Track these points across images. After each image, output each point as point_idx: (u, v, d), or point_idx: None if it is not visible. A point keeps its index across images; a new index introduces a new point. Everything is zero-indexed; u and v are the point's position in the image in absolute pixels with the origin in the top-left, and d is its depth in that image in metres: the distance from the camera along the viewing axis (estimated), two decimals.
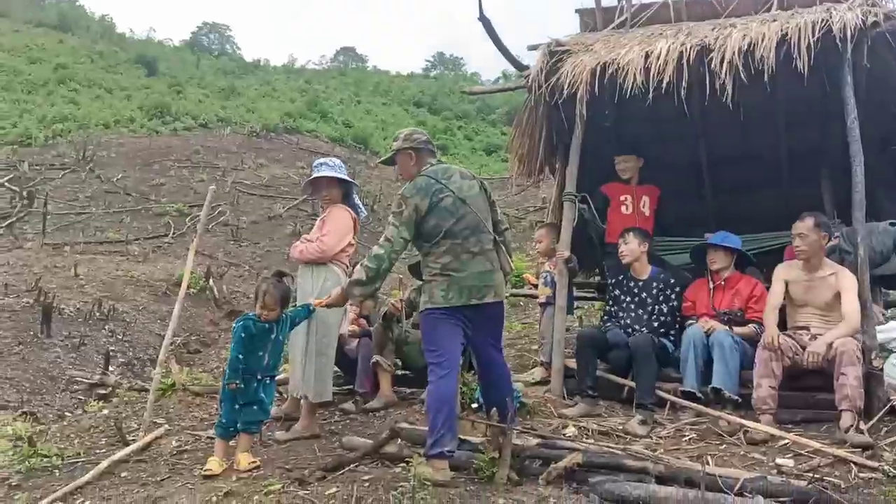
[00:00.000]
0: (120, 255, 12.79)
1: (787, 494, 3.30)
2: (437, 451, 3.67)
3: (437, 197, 3.90)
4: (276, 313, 4.22)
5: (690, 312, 5.32)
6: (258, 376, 4.17)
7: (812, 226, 4.74)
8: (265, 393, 4.21)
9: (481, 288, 3.90)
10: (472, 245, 3.92)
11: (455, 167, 4.16)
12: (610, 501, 3.39)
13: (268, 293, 4.20)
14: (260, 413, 4.19)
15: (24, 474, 4.13)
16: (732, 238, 5.39)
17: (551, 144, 6.33)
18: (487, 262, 3.95)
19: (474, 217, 3.95)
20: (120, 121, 22.70)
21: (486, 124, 36.29)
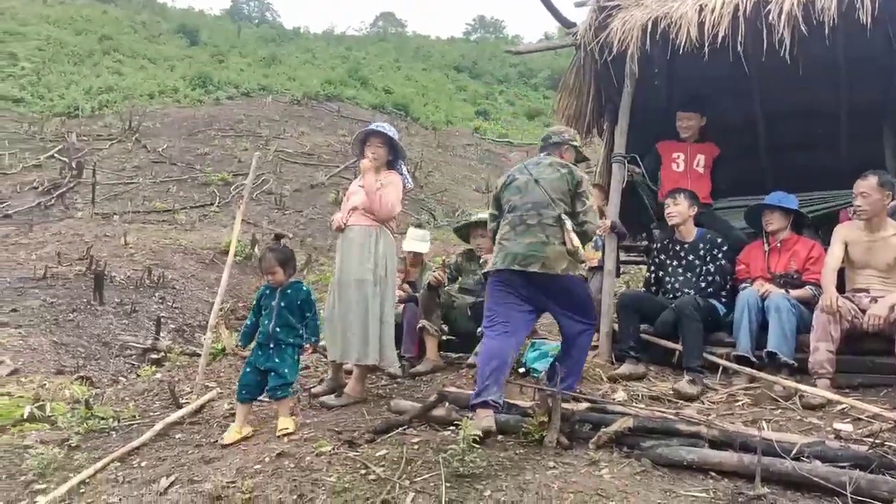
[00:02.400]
0: (167, 223, 13.04)
1: (847, 459, 3.20)
2: (480, 399, 3.80)
3: (513, 177, 4.41)
4: (280, 276, 4.26)
5: (744, 276, 5.15)
6: (268, 343, 4.21)
7: (875, 184, 4.52)
8: (279, 359, 4.19)
9: (527, 256, 4.07)
10: (531, 218, 4.17)
11: (550, 159, 4.45)
12: (662, 466, 3.35)
13: (264, 258, 4.30)
14: (276, 378, 4.15)
15: (82, 436, 4.25)
16: (789, 198, 5.20)
17: (600, 104, 6.17)
18: (543, 235, 4.11)
19: (542, 195, 4.19)
20: (164, 91, 23.00)
21: (528, 88, 35.79)
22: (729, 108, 6.29)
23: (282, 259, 4.27)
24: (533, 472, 3.31)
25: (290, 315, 4.26)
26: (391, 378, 5.30)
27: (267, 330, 4.23)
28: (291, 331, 4.26)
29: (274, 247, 4.33)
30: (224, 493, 3.22)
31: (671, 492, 3.09)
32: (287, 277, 4.29)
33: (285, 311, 4.25)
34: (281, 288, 4.28)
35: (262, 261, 4.29)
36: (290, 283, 4.30)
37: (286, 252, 4.37)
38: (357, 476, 3.31)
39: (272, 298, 4.27)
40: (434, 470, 3.30)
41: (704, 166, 5.92)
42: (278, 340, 4.21)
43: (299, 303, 4.29)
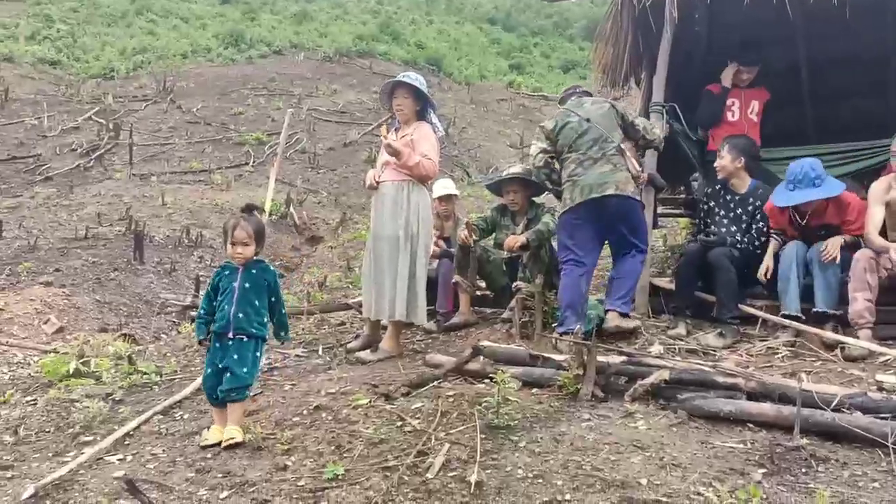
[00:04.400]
0: (204, 183, 13.18)
1: (889, 410, 3.15)
2: (560, 329, 4.47)
3: (564, 121, 4.91)
4: (251, 250, 3.54)
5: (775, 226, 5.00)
6: (226, 333, 3.46)
7: None
8: (238, 355, 3.45)
9: (601, 184, 4.66)
10: (595, 153, 4.74)
11: (590, 98, 5.11)
12: (698, 418, 3.33)
13: (238, 227, 3.52)
14: (232, 379, 3.41)
15: (126, 390, 4.37)
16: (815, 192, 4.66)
17: (637, 53, 6.00)
18: (610, 164, 4.71)
19: (598, 131, 4.78)
20: (197, 50, 23.04)
21: (564, 40, 34.99)
22: (771, 54, 6.07)
23: (257, 231, 3.57)
24: (568, 423, 3.32)
25: (256, 299, 3.53)
26: (426, 333, 5.34)
27: (226, 316, 3.46)
28: (255, 318, 3.51)
29: (247, 216, 3.58)
30: (264, 444, 3.29)
31: (707, 443, 3.07)
32: (255, 254, 3.59)
33: (250, 293, 3.52)
34: (244, 266, 3.55)
35: (230, 230, 3.53)
36: (254, 262, 3.59)
37: (261, 224, 3.68)
38: (393, 428, 3.35)
39: (232, 279, 3.52)
40: (469, 422, 3.32)
41: (758, 113, 5.77)
42: (239, 329, 3.47)
43: (266, 284, 3.58)
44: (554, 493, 2.70)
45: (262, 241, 3.63)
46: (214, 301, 3.57)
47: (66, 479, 3.17)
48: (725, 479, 2.73)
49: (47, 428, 3.91)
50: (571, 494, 2.68)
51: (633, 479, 2.74)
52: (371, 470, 2.96)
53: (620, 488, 2.69)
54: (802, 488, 2.69)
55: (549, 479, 2.80)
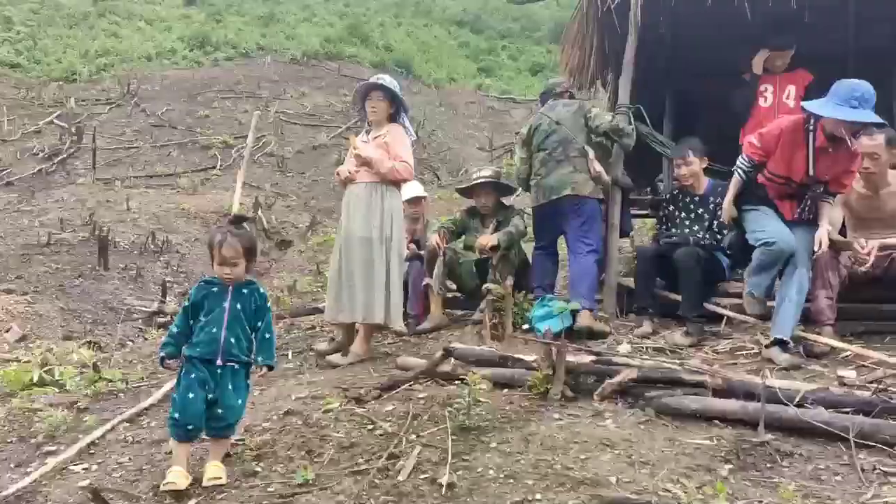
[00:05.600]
0: (170, 188, 13.00)
1: (850, 405, 3.22)
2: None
3: (536, 124, 5.39)
4: (241, 270, 3.15)
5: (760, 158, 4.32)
6: (215, 360, 3.09)
7: (884, 143, 4.31)
8: (233, 386, 3.13)
9: (558, 187, 5.13)
10: (559, 155, 5.18)
11: (560, 101, 5.45)
12: (666, 415, 3.37)
13: (225, 243, 3.10)
14: (227, 414, 3.10)
15: (91, 398, 4.30)
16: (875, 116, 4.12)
17: (603, 55, 6.06)
18: (570, 166, 5.13)
19: (564, 132, 5.20)
20: (161, 53, 22.67)
21: (531, 42, 35.13)
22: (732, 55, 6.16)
23: (249, 247, 3.17)
24: (538, 423, 3.34)
25: (247, 322, 3.19)
26: (397, 336, 5.32)
27: (216, 340, 3.08)
28: (245, 344, 3.18)
29: (235, 230, 3.17)
30: (233, 451, 3.25)
31: (675, 440, 3.11)
32: (247, 273, 3.22)
33: (241, 317, 3.16)
34: (235, 286, 3.17)
35: (217, 247, 3.12)
36: (247, 282, 3.23)
37: (253, 239, 3.30)
38: (364, 431, 3.34)
39: (221, 299, 3.14)
40: (440, 424, 3.33)
41: (796, 97, 5.46)
42: (231, 357, 3.12)
43: (255, 308, 3.22)
44: (525, 492, 2.72)
45: (253, 258, 3.22)
46: (192, 320, 3.15)
47: (29, 490, 3.11)
48: (693, 476, 2.77)
49: (9, 438, 3.83)
50: (542, 494, 2.70)
51: (603, 477, 2.77)
52: (342, 474, 2.96)
53: (590, 486, 2.71)
54: (768, 483, 2.74)
55: (520, 479, 2.82)
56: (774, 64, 5.56)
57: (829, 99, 4.05)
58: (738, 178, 4.42)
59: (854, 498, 2.62)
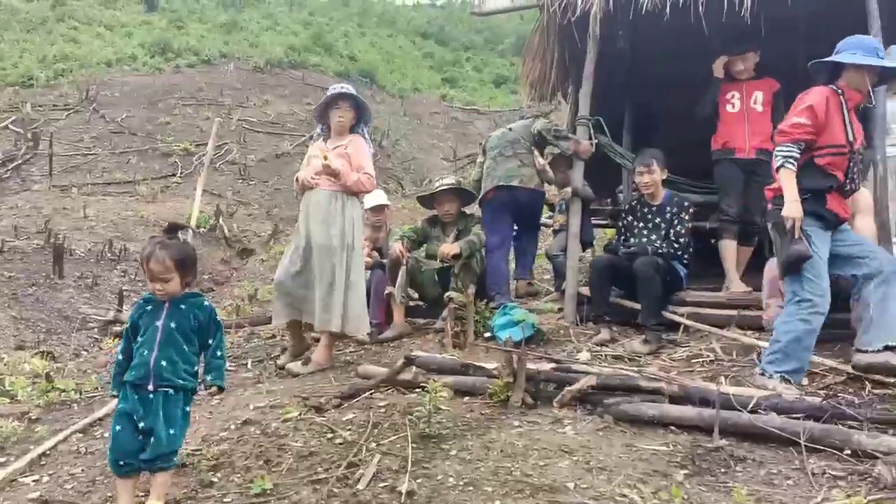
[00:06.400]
0: (128, 195, 12.80)
1: (802, 411, 3.29)
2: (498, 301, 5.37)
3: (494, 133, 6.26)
4: (175, 285, 2.84)
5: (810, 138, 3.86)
6: (146, 385, 2.78)
7: None
8: (165, 414, 2.78)
9: (508, 177, 5.77)
10: (507, 151, 5.88)
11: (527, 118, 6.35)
12: (624, 422, 3.42)
13: (152, 257, 2.80)
14: (160, 445, 2.75)
15: (43, 409, 4.20)
16: None
17: (564, 67, 6.15)
18: (517, 160, 5.82)
19: (515, 135, 5.96)
20: (122, 59, 22.34)
21: (495, 55, 35.49)
22: (691, 68, 6.30)
23: (180, 259, 2.84)
24: (498, 430, 3.35)
25: (185, 343, 2.86)
26: (359, 344, 5.30)
27: (146, 363, 2.78)
28: (183, 366, 2.85)
29: (167, 241, 2.88)
30: (189, 461, 3.20)
31: (632, 446, 3.15)
32: (184, 287, 2.89)
33: (177, 335, 2.84)
34: (172, 302, 2.87)
35: (145, 261, 2.84)
36: (185, 296, 2.91)
37: (186, 250, 2.94)
38: (323, 440, 3.31)
39: (155, 316, 2.84)
40: (401, 432, 3.32)
41: (763, 103, 5.51)
42: (163, 381, 2.79)
43: (197, 325, 2.89)
44: (484, 499, 2.72)
45: (190, 270, 2.90)
46: (134, 342, 2.87)
47: None
48: (649, 481, 2.81)
49: None
50: (501, 500, 2.71)
51: (561, 483, 2.79)
52: (300, 483, 2.92)
53: (549, 492, 2.73)
54: (722, 487, 2.79)
55: (480, 486, 2.82)
56: (738, 69, 5.61)
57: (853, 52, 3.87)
58: (790, 170, 3.83)
59: (804, 501, 2.67)
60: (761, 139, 5.39)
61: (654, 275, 4.90)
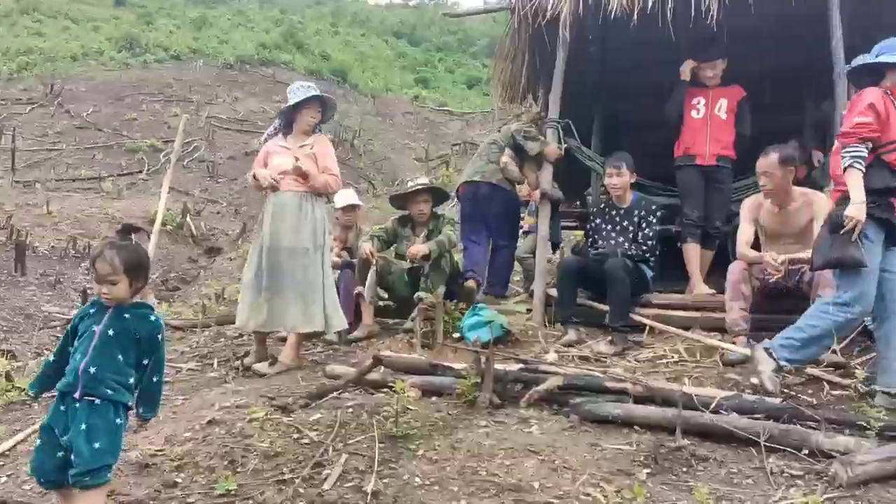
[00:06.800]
0: (93, 191, 12.60)
1: (762, 411, 3.37)
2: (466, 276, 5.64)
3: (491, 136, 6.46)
4: (122, 289, 2.56)
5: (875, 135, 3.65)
6: (72, 393, 2.49)
7: (777, 162, 4.50)
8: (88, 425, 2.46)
9: (474, 173, 5.97)
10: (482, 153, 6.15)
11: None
12: (589, 421, 3.46)
13: (100, 257, 2.58)
14: (81, 461, 2.42)
15: (2, 408, 4.11)
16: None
17: (535, 70, 6.19)
18: (485, 159, 6.00)
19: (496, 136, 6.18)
20: (88, 53, 21.99)
21: (468, 56, 35.61)
22: (659, 76, 6.39)
23: (130, 262, 2.58)
24: (465, 430, 3.37)
25: (121, 353, 2.57)
26: (327, 344, 5.28)
27: (75, 369, 2.51)
28: (113, 376, 2.54)
29: (119, 242, 2.70)
30: (152, 462, 3.16)
31: (597, 445, 3.19)
32: (132, 294, 2.63)
33: (114, 343, 2.56)
34: (116, 308, 2.60)
35: (94, 260, 2.62)
36: (132, 305, 2.64)
37: (138, 253, 2.69)
38: (290, 440, 3.30)
39: (95, 322, 2.59)
40: (368, 432, 3.32)
41: (727, 111, 5.58)
42: (89, 389, 2.49)
43: (138, 338, 2.60)
44: (450, 499, 2.74)
45: (140, 275, 2.63)
46: (71, 346, 2.63)
47: None
48: (613, 480, 2.85)
49: None
50: (467, 500, 2.73)
51: (527, 482, 2.82)
52: (265, 484, 2.91)
53: (514, 492, 2.75)
54: (683, 486, 2.84)
55: (446, 485, 2.84)
56: (706, 76, 5.67)
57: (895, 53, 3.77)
58: (859, 171, 3.61)
59: (763, 500, 2.73)
60: (721, 146, 5.51)
61: (623, 276, 4.96)
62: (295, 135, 4.88)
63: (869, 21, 5.37)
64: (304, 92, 4.82)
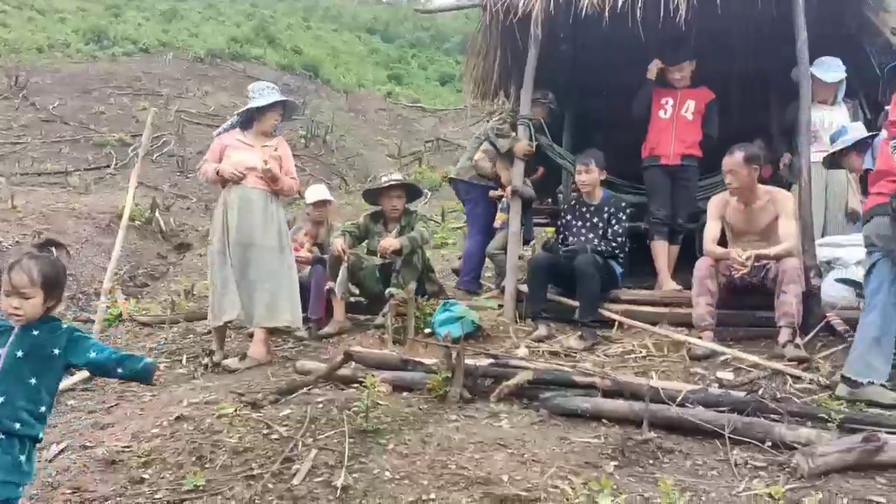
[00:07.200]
0: (60, 186, 12.34)
1: (727, 404, 3.43)
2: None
3: None
4: (35, 305, 2.36)
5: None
6: None
7: (741, 161, 4.60)
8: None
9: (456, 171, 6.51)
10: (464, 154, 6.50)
11: None
12: (558, 415, 3.49)
13: (17, 266, 2.37)
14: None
15: None
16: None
17: (507, 67, 6.22)
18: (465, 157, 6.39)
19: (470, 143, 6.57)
20: (54, 45, 21.53)
21: (441, 53, 35.55)
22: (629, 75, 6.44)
23: (48, 276, 2.38)
24: (436, 425, 3.39)
25: (34, 376, 2.35)
26: (297, 340, 5.26)
27: None
28: (26, 405, 2.33)
29: (38, 253, 2.48)
30: (119, 458, 3.13)
31: (566, 438, 3.23)
32: (45, 310, 2.41)
33: (24, 366, 2.34)
34: (22, 327, 2.38)
35: (9, 269, 2.38)
36: (41, 320, 2.41)
37: (57, 268, 2.46)
38: (259, 436, 3.28)
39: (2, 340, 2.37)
40: (338, 427, 3.31)
41: (695, 112, 5.66)
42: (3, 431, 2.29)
43: (56, 353, 2.40)
44: (419, 492, 2.75)
45: (55, 293, 2.42)
46: None
47: None
48: (580, 472, 2.88)
49: None
50: (436, 493, 2.74)
51: (496, 475, 2.84)
52: (234, 479, 2.90)
53: (483, 485, 2.78)
54: (649, 478, 2.88)
55: (416, 479, 2.85)
56: (673, 77, 5.75)
57: None
58: None
59: (727, 490, 2.79)
60: (686, 146, 5.62)
61: (593, 273, 5.01)
62: (255, 134, 4.88)
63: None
64: (269, 94, 4.83)
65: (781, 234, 4.63)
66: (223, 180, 4.77)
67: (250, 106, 4.84)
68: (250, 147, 4.79)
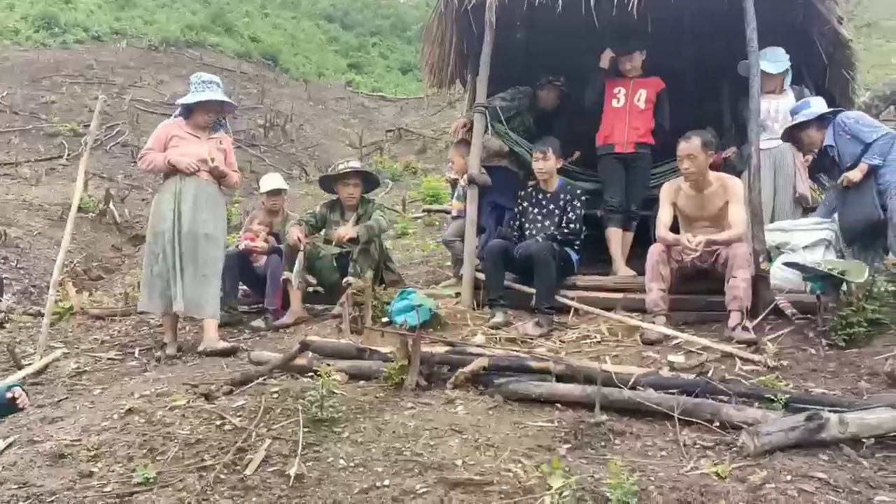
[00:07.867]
0: (10, 177, 11.98)
1: (677, 387, 3.50)
2: None
3: None
4: None
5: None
6: None
7: (699, 146, 4.71)
8: None
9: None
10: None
11: None
12: (513, 401, 3.52)
13: None
14: None
15: None
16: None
17: (462, 55, 6.21)
18: None
19: None
20: (2, 32, 20.83)
21: (402, 42, 35.31)
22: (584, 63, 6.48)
23: None
24: (392, 412, 3.39)
25: None
26: (254, 331, 5.22)
27: None
28: None
29: None
30: (67, 452, 3.07)
31: (520, 423, 3.26)
32: None
33: None
34: None
35: None
36: None
37: None
38: (212, 427, 3.25)
39: None
40: (293, 417, 3.30)
41: (647, 101, 5.77)
42: None
43: None
44: (374, 479, 2.76)
45: None
46: None
47: None
48: (533, 456, 2.92)
49: None
50: (391, 479, 2.75)
51: (450, 460, 2.86)
52: (186, 471, 2.87)
53: (437, 470, 2.79)
54: (600, 459, 2.93)
55: (371, 466, 2.86)
56: (625, 67, 5.84)
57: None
58: None
59: (675, 470, 2.84)
60: (639, 134, 5.72)
61: (549, 260, 5.06)
62: (201, 128, 4.91)
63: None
64: (204, 90, 4.79)
65: (731, 220, 4.72)
66: (173, 170, 4.70)
67: (179, 102, 4.87)
68: (198, 139, 4.77)
